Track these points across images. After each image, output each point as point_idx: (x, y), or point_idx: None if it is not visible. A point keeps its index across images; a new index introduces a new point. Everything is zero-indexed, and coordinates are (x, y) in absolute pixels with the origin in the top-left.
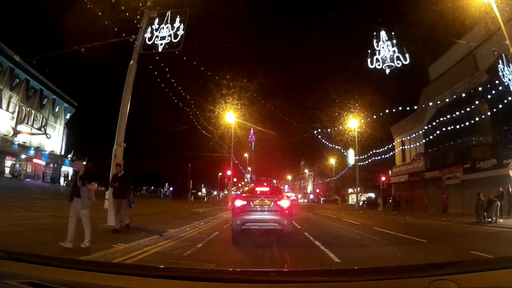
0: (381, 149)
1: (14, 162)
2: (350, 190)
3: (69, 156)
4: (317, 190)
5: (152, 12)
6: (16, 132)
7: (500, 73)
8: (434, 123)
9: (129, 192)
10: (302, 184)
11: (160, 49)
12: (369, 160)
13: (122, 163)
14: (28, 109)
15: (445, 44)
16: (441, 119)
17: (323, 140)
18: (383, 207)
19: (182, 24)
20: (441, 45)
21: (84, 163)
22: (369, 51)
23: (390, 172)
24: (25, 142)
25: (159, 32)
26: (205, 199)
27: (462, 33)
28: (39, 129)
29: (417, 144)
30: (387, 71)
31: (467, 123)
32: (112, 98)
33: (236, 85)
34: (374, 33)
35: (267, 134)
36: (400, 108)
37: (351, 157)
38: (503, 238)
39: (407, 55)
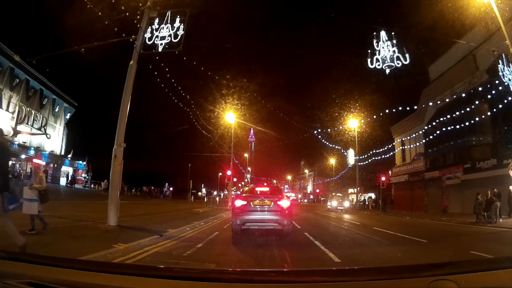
0: (381, 149)
1: (14, 162)
2: (350, 190)
3: (69, 156)
4: (317, 190)
5: (152, 12)
6: (16, 132)
7: (500, 73)
8: (434, 123)
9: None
10: (302, 184)
11: (160, 49)
12: (369, 160)
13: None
14: (28, 109)
15: (445, 44)
16: (441, 119)
17: (323, 140)
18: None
19: (182, 24)
20: (441, 45)
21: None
22: (369, 51)
23: (390, 172)
24: (25, 142)
25: (159, 32)
26: (205, 199)
27: (462, 33)
28: (39, 129)
29: (417, 144)
30: (387, 71)
31: (467, 123)
32: (112, 98)
33: (236, 85)
34: (374, 33)
35: (267, 134)
36: (400, 108)
37: (351, 157)
38: (503, 238)
39: (407, 55)
